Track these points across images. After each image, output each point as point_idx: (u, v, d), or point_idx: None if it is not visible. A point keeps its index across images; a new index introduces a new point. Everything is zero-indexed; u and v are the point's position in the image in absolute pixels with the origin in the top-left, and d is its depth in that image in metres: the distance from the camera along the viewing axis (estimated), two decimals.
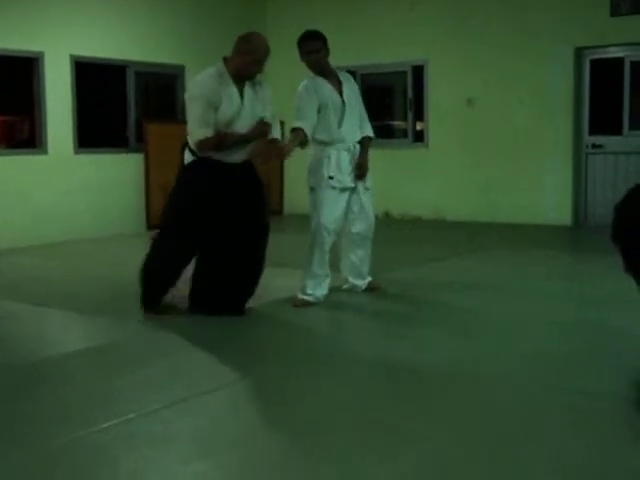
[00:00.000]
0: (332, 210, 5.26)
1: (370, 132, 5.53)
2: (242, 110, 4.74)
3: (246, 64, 4.70)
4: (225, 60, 4.78)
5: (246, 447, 2.93)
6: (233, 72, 4.73)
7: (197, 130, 4.66)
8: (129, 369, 3.94)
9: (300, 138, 5.13)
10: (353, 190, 5.38)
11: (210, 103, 4.61)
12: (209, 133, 4.64)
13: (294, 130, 5.14)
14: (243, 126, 4.75)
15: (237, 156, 4.81)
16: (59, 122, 8.92)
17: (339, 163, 5.28)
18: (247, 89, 4.80)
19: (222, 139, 4.67)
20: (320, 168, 5.27)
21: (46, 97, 8.80)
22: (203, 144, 4.67)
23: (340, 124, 5.29)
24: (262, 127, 4.81)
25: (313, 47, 5.24)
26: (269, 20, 11.57)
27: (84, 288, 6.17)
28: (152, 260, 5.02)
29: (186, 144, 4.87)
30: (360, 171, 5.40)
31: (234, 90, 4.72)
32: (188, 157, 4.83)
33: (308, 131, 5.15)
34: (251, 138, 4.81)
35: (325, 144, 5.29)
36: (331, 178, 5.24)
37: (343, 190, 5.30)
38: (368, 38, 10.73)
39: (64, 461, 2.82)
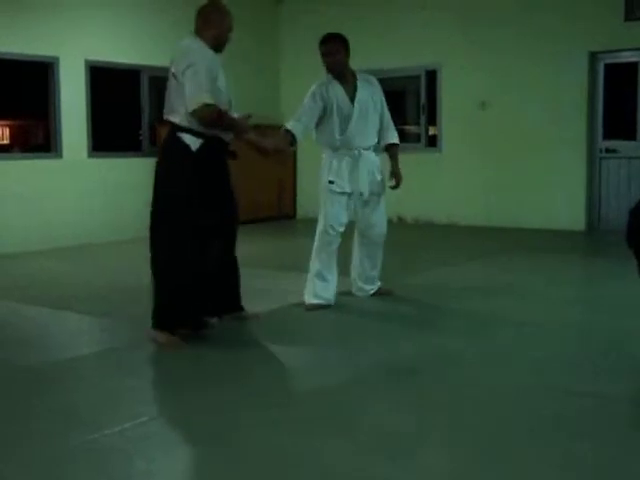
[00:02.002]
0: (337, 212, 5.30)
1: (394, 139, 5.54)
2: (225, 85, 4.46)
3: (224, 32, 4.48)
4: (199, 34, 4.43)
5: (259, 448, 2.93)
6: (212, 44, 4.41)
7: (201, 95, 4.16)
8: (141, 372, 3.95)
9: (287, 140, 5.17)
10: (361, 196, 5.37)
11: (211, 73, 4.27)
12: (214, 101, 4.21)
13: (285, 131, 5.19)
14: (226, 102, 4.45)
15: (227, 135, 4.47)
16: (74, 126, 8.97)
17: (340, 169, 5.31)
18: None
19: (223, 113, 4.30)
20: (323, 172, 5.36)
21: (61, 102, 8.85)
22: (211, 111, 4.18)
23: (344, 130, 5.28)
24: (246, 121, 4.53)
25: (329, 49, 5.26)
26: (282, 25, 11.61)
27: (97, 291, 6.20)
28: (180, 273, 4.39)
29: (176, 129, 4.35)
30: (396, 181, 5.49)
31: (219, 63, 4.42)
32: (191, 140, 4.32)
33: (298, 134, 5.19)
34: (239, 128, 4.46)
35: (329, 149, 5.37)
36: (331, 182, 5.31)
37: (344, 194, 5.32)
38: (381, 42, 10.74)
39: (77, 462, 2.83)
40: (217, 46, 4.50)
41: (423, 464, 2.77)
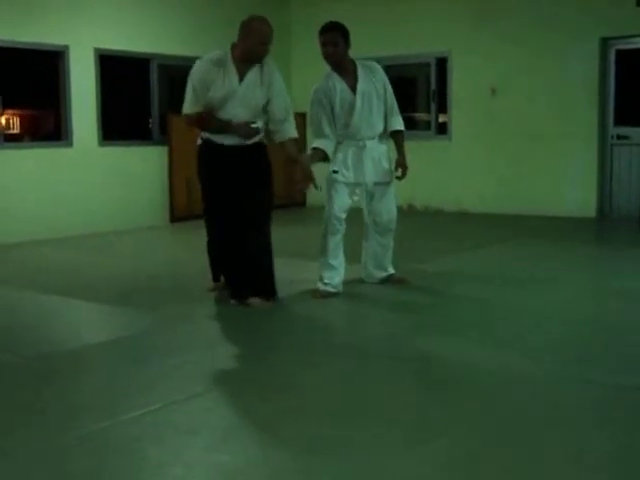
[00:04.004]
0: (342, 201, 5.30)
1: (399, 125, 5.42)
2: (236, 92, 4.88)
3: (251, 47, 4.86)
4: (233, 45, 4.96)
5: (268, 437, 2.95)
6: (239, 56, 4.90)
7: (184, 106, 4.99)
8: (151, 361, 3.97)
9: (318, 157, 5.25)
10: (366, 186, 5.37)
11: (202, 84, 4.87)
12: (192, 111, 4.95)
13: (314, 149, 5.26)
14: (236, 107, 4.91)
15: (231, 139, 4.98)
16: (84, 115, 8.99)
17: (345, 160, 5.31)
18: (251, 73, 4.93)
19: (202, 119, 4.94)
20: (329, 162, 5.35)
21: (71, 90, 8.86)
22: (186, 120, 5.04)
23: (348, 123, 5.24)
24: (247, 129, 4.95)
25: (328, 39, 5.19)
26: (293, 12, 11.57)
27: (107, 280, 6.22)
28: (210, 243, 5.31)
29: None
30: (402, 172, 5.40)
31: (233, 73, 4.89)
32: (198, 141, 5.14)
33: (328, 150, 5.22)
34: (234, 131, 4.95)
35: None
36: (335, 172, 5.30)
37: (349, 184, 5.32)
38: (392, 30, 10.69)
39: (88, 451, 2.85)
40: (244, 60, 4.91)
41: (445, 451, 2.78)
